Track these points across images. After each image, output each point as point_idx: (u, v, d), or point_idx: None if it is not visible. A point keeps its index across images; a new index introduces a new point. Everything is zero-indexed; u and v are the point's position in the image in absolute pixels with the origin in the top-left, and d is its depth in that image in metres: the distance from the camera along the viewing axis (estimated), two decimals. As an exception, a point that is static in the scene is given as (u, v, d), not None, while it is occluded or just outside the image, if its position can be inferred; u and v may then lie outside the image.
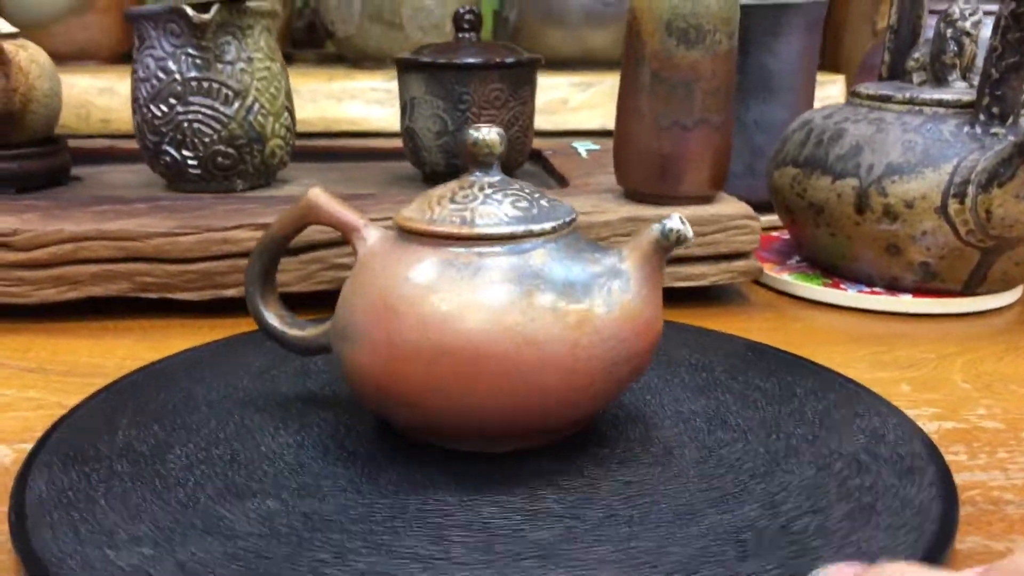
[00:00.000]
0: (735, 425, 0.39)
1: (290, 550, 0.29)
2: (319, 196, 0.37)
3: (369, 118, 1.13)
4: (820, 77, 1.13)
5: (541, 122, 1.07)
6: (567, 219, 0.35)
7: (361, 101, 1.14)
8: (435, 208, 0.35)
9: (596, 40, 1.25)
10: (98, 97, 1.12)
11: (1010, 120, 0.54)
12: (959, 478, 0.36)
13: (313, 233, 0.53)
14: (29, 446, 0.37)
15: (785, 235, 0.73)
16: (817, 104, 0.70)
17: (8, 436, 0.40)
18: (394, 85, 0.67)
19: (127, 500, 0.32)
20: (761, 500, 0.32)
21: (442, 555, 0.29)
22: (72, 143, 0.71)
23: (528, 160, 0.74)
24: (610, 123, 0.59)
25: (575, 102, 1.17)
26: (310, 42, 1.57)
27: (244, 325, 0.52)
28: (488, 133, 0.35)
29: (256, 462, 0.35)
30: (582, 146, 0.78)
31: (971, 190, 0.53)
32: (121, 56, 1.35)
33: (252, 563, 0.28)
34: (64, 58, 1.18)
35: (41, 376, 0.47)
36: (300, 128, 0.95)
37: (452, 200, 0.35)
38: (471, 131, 0.35)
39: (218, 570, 0.28)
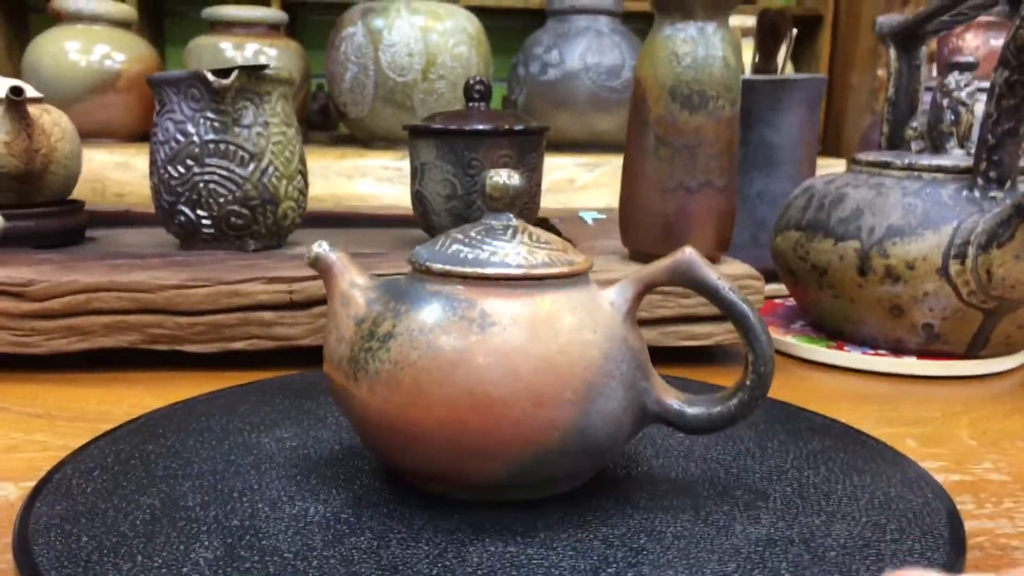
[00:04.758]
0: (744, 475, 0.39)
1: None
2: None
3: (379, 195, 1.15)
4: (823, 160, 1.15)
5: (548, 201, 1.09)
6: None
7: (372, 178, 1.16)
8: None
9: (602, 123, 1.28)
10: (114, 172, 1.15)
11: (1008, 184, 0.55)
12: (966, 526, 0.36)
13: (320, 288, 0.53)
14: (33, 484, 0.37)
15: (790, 302, 0.74)
16: (818, 178, 0.72)
17: (14, 475, 0.40)
18: (404, 164, 0.69)
19: (128, 531, 0.32)
20: (771, 544, 0.32)
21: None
22: (88, 207, 0.73)
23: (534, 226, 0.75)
24: (616, 203, 0.60)
25: (581, 181, 1.19)
26: (323, 125, 1.61)
27: (250, 377, 0.52)
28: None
29: (255, 510, 0.35)
30: (588, 215, 0.79)
31: (971, 251, 0.53)
32: (139, 135, 1.38)
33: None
34: (85, 135, 1.21)
35: (48, 421, 0.47)
36: (311, 205, 0.97)
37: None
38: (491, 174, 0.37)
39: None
